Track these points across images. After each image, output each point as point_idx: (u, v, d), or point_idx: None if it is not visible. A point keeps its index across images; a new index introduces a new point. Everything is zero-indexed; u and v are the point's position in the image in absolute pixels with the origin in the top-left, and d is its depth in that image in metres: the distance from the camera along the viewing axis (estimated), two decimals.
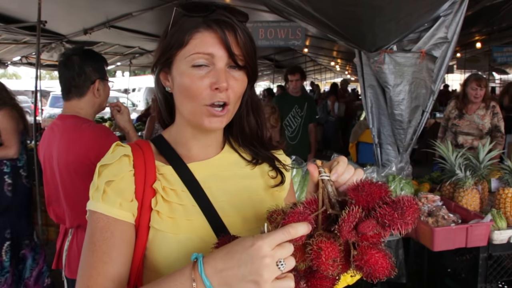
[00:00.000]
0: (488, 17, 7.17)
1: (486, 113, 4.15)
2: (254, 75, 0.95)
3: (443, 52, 3.27)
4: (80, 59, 1.94)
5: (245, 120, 1.01)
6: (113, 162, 0.91)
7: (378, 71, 3.28)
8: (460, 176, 2.46)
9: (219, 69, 0.87)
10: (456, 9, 3.15)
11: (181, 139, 0.99)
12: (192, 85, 0.88)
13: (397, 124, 3.45)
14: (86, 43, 8.28)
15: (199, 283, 0.70)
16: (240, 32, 0.88)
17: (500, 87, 17.69)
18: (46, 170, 2.01)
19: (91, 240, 0.87)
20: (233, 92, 0.90)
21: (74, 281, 2.00)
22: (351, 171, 0.80)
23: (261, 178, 1.04)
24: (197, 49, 0.87)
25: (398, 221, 0.68)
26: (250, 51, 0.90)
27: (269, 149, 1.06)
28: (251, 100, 1.01)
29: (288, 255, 0.68)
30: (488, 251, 2.28)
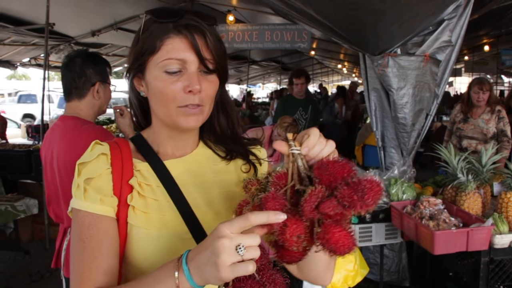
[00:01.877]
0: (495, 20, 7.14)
1: (491, 118, 4.13)
2: (225, 76, 0.98)
3: (447, 55, 3.27)
4: (82, 61, 1.97)
5: (216, 119, 1.04)
6: (91, 160, 0.94)
7: (382, 74, 3.28)
8: (462, 180, 2.46)
9: (192, 72, 0.90)
10: (461, 13, 3.15)
11: (158, 139, 1.01)
12: (165, 89, 0.90)
13: (400, 127, 3.45)
14: (93, 45, 8.37)
15: (180, 271, 0.73)
16: (209, 35, 0.90)
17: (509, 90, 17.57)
18: (47, 170, 2.04)
19: (79, 237, 0.90)
20: (206, 94, 0.92)
21: None
22: (323, 144, 0.78)
23: (234, 173, 1.05)
24: (169, 55, 0.89)
25: (358, 203, 0.69)
26: (220, 53, 0.93)
27: (244, 145, 1.08)
28: (221, 100, 1.03)
29: (251, 244, 0.69)
30: (489, 255, 2.27)
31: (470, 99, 4.24)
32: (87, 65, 1.97)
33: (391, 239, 2.84)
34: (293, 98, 4.97)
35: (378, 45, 2.94)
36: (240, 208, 0.80)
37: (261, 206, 0.72)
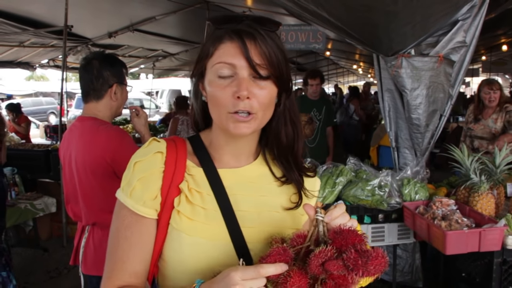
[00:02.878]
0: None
1: (499, 116, 4.11)
2: (284, 84, 0.96)
3: (462, 56, 3.25)
4: (100, 63, 2.02)
5: (283, 130, 1.02)
6: (146, 158, 0.96)
7: (396, 75, 3.28)
8: (475, 180, 2.46)
9: (241, 78, 0.90)
10: (475, 13, 3.13)
11: (216, 143, 1.03)
12: (217, 93, 0.92)
13: (414, 128, 3.45)
14: (110, 46, 8.50)
15: None
16: (261, 40, 0.90)
17: None
18: (65, 169, 2.10)
19: (117, 235, 0.97)
20: (258, 101, 0.91)
21: (90, 277, 2.09)
22: (346, 219, 0.86)
23: (285, 197, 1.06)
24: (221, 59, 0.91)
25: (361, 268, 0.75)
26: (276, 60, 0.91)
27: (302, 170, 1.08)
28: (288, 111, 1.02)
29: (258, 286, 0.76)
30: (502, 256, 2.27)
31: (480, 101, 4.25)
32: (105, 67, 2.02)
33: (404, 239, 2.85)
34: (307, 99, 4.98)
35: (391, 46, 2.95)
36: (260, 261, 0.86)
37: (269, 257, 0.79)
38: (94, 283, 2.09)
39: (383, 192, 2.71)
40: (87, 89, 2.04)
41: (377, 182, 2.73)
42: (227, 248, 0.95)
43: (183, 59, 11.47)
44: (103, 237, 2.04)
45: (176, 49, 10.31)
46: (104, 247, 2.06)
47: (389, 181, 2.77)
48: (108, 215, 2.03)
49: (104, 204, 2.01)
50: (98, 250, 2.03)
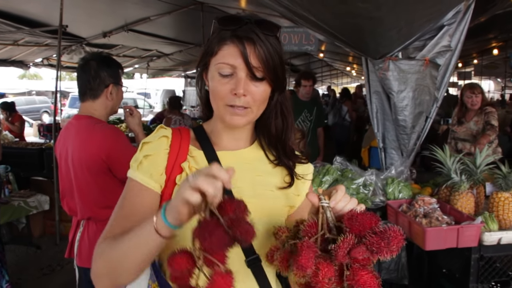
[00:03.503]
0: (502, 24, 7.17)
1: (480, 118, 4.24)
2: (278, 84, 1.07)
3: (447, 60, 3.35)
4: (97, 64, 2.10)
5: (273, 121, 1.13)
6: (153, 141, 1.08)
7: (383, 78, 3.37)
8: (455, 180, 2.55)
9: (239, 78, 1.00)
10: (460, 19, 3.23)
11: (216, 130, 1.14)
12: (217, 88, 1.03)
13: (401, 129, 3.54)
14: (105, 46, 8.54)
15: (158, 214, 0.85)
16: (259, 46, 0.99)
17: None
18: (62, 165, 2.17)
19: (124, 196, 1.07)
20: (253, 98, 1.03)
21: (85, 269, 2.17)
22: (347, 199, 0.92)
23: (278, 177, 1.16)
24: (223, 60, 1.01)
25: (384, 249, 0.80)
26: (272, 63, 1.02)
27: (291, 157, 1.17)
28: (280, 105, 1.13)
29: (207, 180, 0.79)
30: (479, 252, 2.36)
31: (463, 104, 4.37)
32: (102, 68, 2.10)
33: None
34: (298, 100, 5.06)
35: (378, 49, 3.04)
36: (271, 253, 0.93)
37: (298, 254, 0.82)
38: (89, 276, 2.16)
39: (368, 191, 2.80)
40: (84, 89, 2.11)
41: (362, 181, 2.83)
42: None
43: (177, 60, 11.52)
44: (97, 230, 2.11)
45: (170, 50, 10.37)
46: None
47: (374, 180, 2.86)
48: (102, 210, 2.12)
49: (99, 199, 2.08)
50: (93, 243, 2.08)
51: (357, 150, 7.80)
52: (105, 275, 0.98)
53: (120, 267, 0.93)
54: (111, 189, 2.09)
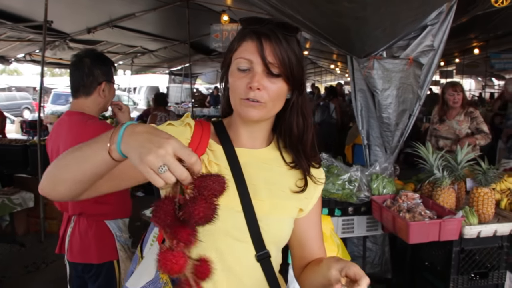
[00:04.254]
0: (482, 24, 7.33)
1: (464, 119, 4.32)
2: (295, 83, 1.10)
3: (430, 59, 3.43)
4: (91, 62, 2.12)
5: (295, 121, 1.15)
6: (179, 126, 1.12)
7: (368, 76, 3.45)
8: (438, 176, 2.63)
9: (255, 72, 1.04)
10: (443, 19, 3.32)
11: (234, 126, 1.17)
12: (235, 83, 1.07)
13: (385, 126, 3.62)
14: (89, 42, 8.46)
15: (115, 133, 0.83)
16: (276, 43, 1.03)
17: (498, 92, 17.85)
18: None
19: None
20: (267, 93, 1.05)
21: (76, 264, 2.19)
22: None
23: (293, 180, 1.18)
24: (241, 55, 1.06)
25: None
26: (288, 61, 1.05)
27: (309, 160, 1.19)
28: (300, 106, 1.15)
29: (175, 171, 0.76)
30: (460, 245, 2.45)
31: (445, 102, 4.45)
32: (95, 66, 2.12)
33: (372, 231, 3.02)
34: None
35: (364, 48, 3.11)
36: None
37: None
38: (79, 271, 2.19)
39: (353, 186, 2.87)
40: (77, 85, 2.12)
41: (347, 177, 2.89)
42: (238, 215, 1.08)
43: (162, 56, 11.48)
44: (88, 226, 2.13)
45: (155, 46, 10.33)
46: (89, 236, 2.17)
47: (359, 176, 2.93)
48: (93, 205, 2.14)
49: None
50: (84, 239, 2.13)
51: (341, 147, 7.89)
52: (48, 178, 0.96)
53: (63, 173, 0.93)
54: None
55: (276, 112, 1.13)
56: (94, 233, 2.14)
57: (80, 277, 2.23)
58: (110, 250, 2.17)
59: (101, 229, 2.16)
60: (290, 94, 1.12)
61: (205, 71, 17.24)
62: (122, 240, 2.22)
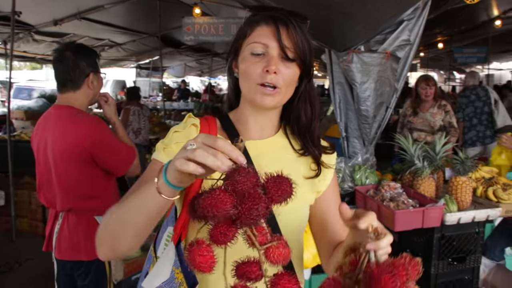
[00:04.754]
0: (449, 20, 7.59)
1: (438, 112, 4.49)
2: (307, 69, 1.11)
3: (406, 53, 3.54)
4: (74, 54, 2.07)
5: (303, 108, 1.16)
6: (183, 130, 1.10)
7: (347, 70, 3.52)
8: (418, 166, 2.74)
9: (271, 56, 1.04)
10: (419, 14, 3.42)
11: (242, 118, 1.17)
12: (249, 68, 1.06)
13: (363, 119, 3.71)
14: (55, 34, 8.20)
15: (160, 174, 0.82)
16: (292, 28, 1.04)
17: (460, 86, 18.51)
18: (40, 156, 2.12)
19: (142, 178, 1.07)
20: (283, 77, 1.05)
21: (64, 262, 2.15)
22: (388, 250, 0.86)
23: (304, 166, 1.18)
24: (256, 39, 1.05)
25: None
26: (302, 46, 1.05)
27: (318, 146, 1.19)
28: (308, 93, 1.16)
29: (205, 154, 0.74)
30: (441, 231, 2.56)
31: (418, 95, 4.60)
32: (80, 58, 2.07)
33: None
34: None
35: (344, 42, 3.17)
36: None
37: None
38: (68, 268, 2.15)
39: (337, 177, 2.94)
40: (63, 81, 2.07)
41: None
42: None
43: (130, 50, 11.26)
44: (77, 222, 2.10)
45: (123, 39, 10.12)
46: (79, 232, 2.13)
47: (343, 167, 3.00)
48: (83, 201, 2.11)
49: (80, 190, 2.07)
50: (73, 235, 2.09)
51: None
52: (105, 241, 0.96)
53: (120, 230, 0.92)
54: (93, 179, 2.08)
55: (288, 98, 1.12)
56: (84, 229, 2.10)
57: (69, 274, 2.19)
58: None
59: (91, 225, 2.12)
60: (298, 82, 1.13)
61: (172, 65, 17.04)
62: None
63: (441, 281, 2.65)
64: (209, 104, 12.23)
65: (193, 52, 13.45)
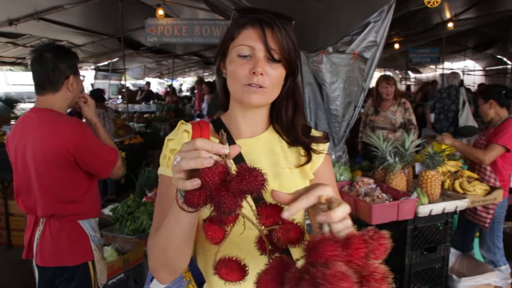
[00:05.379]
0: (406, 22, 7.90)
1: (398, 109, 4.69)
2: (292, 69, 1.14)
3: (373, 53, 3.68)
4: (53, 56, 2.02)
5: (284, 106, 1.20)
6: (177, 136, 1.14)
7: (317, 70, 3.61)
8: (390, 162, 2.86)
9: (258, 58, 1.07)
10: (384, 16, 3.57)
11: (232, 118, 1.20)
12: (236, 70, 1.09)
13: (332, 118, 3.82)
14: (10, 35, 7.90)
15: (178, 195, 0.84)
16: (277, 30, 1.07)
17: (415, 85, 19.22)
18: (18, 161, 2.06)
19: (160, 193, 1.12)
20: (269, 78, 1.08)
21: (47, 268, 2.11)
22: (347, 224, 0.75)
23: (295, 154, 1.21)
24: (242, 42, 1.08)
25: None
26: (287, 47, 1.09)
27: (309, 138, 1.22)
28: (292, 91, 1.19)
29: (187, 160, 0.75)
30: (414, 223, 2.69)
31: (379, 94, 4.78)
32: (60, 60, 2.03)
33: None
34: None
35: (316, 44, 3.26)
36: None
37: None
38: (51, 274, 2.10)
39: None
40: (42, 82, 2.02)
41: None
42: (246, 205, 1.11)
43: (89, 51, 10.97)
44: (60, 227, 2.06)
45: (82, 41, 9.86)
46: (62, 238, 2.10)
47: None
48: (66, 205, 2.08)
49: (63, 194, 2.03)
50: (56, 241, 2.05)
51: None
52: (160, 266, 1.01)
53: (168, 253, 0.97)
54: (76, 183, 2.05)
55: (275, 97, 1.16)
56: (68, 234, 2.07)
57: (49, 281, 2.13)
58: (85, 251, 2.11)
59: (75, 230, 2.10)
60: (284, 81, 1.15)
61: (132, 67, 16.74)
62: (96, 240, 2.17)
63: (415, 270, 2.78)
64: (172, 106, 12.11)
65: (153, 54, 13.30)
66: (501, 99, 3.37)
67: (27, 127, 2.04)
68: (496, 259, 3.33)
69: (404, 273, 2.74)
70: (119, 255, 2.94)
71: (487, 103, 3.42)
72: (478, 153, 3.26)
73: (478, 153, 3.26)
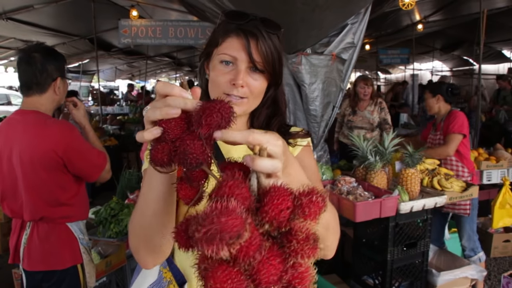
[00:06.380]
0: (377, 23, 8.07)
1: (375, 109, 4.80)
2: (275, 79, 1.13)
3: (350, 55, 3.76)
4: (42, 57, 1.99)
5: (264, 113, 1.19)
6: None
7: (296, 71, 3.66)
8: (371, 160, 2.93)
9: (239, 69, 1.05)
10: (361, 18, 3.65)
11: None
12: (217, 78, 1.08)
13: (312, 118, 3.87)
14: None
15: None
16: (262, 41, 1.04)
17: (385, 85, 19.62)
18: (3, 165, 2.02)
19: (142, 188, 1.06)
20: (250, 89, 1.07)
21: (34, 273, 2.08)
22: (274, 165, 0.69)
23: None
24: (226, 51, 1.06)
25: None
26: (271, 58, 1.07)
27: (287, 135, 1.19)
28: (272, 100, 1.19)
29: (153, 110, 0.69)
30: (395, 220, 2.76)
31: (356, 94, 4.88)
32: (48, 61, 2.00)
33: None
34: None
35: (296, 45, 3.31)
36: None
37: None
38: (39, 279, 2.06)
39: None
40: (29, 83, 1.99)
41: None
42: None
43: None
44: (49, 230, 2.03)
45: (53, 41, 9.60)
46: (51, 241, 2.06)
47: None
48: (55, 208, 2.05)
49: (52, 197, 2.00)
50: (44, 245, 2.02)
51: None
52: (139, 244, 0.96)
53: (145, 224, 0.92)
54: (65, 185, 2.03)
55: (256, 106, 1.15)
56: (57, 237, 2.05)
57: (37, 286, 2.09)
58: (74, 254, 2.09)
59: (64, 233, 2.07)
60: (266, 89, 1.14)
61: (103, 68, 16.47)
62: (85, 243, 2.15)
63: (397, 266, 2.85)
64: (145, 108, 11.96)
65: (125, 55, 13.11)
66: (447, 95, 3.61)
67: (13, 130, 2.00)
68: (476, 246, 3.49)
69: (386, 269, 2.81)
70: (101, 258, 2.90)
71: (434, 97, 3.64)
72: (440, 150, 3.47)
73: (440, 150, 3.47)
